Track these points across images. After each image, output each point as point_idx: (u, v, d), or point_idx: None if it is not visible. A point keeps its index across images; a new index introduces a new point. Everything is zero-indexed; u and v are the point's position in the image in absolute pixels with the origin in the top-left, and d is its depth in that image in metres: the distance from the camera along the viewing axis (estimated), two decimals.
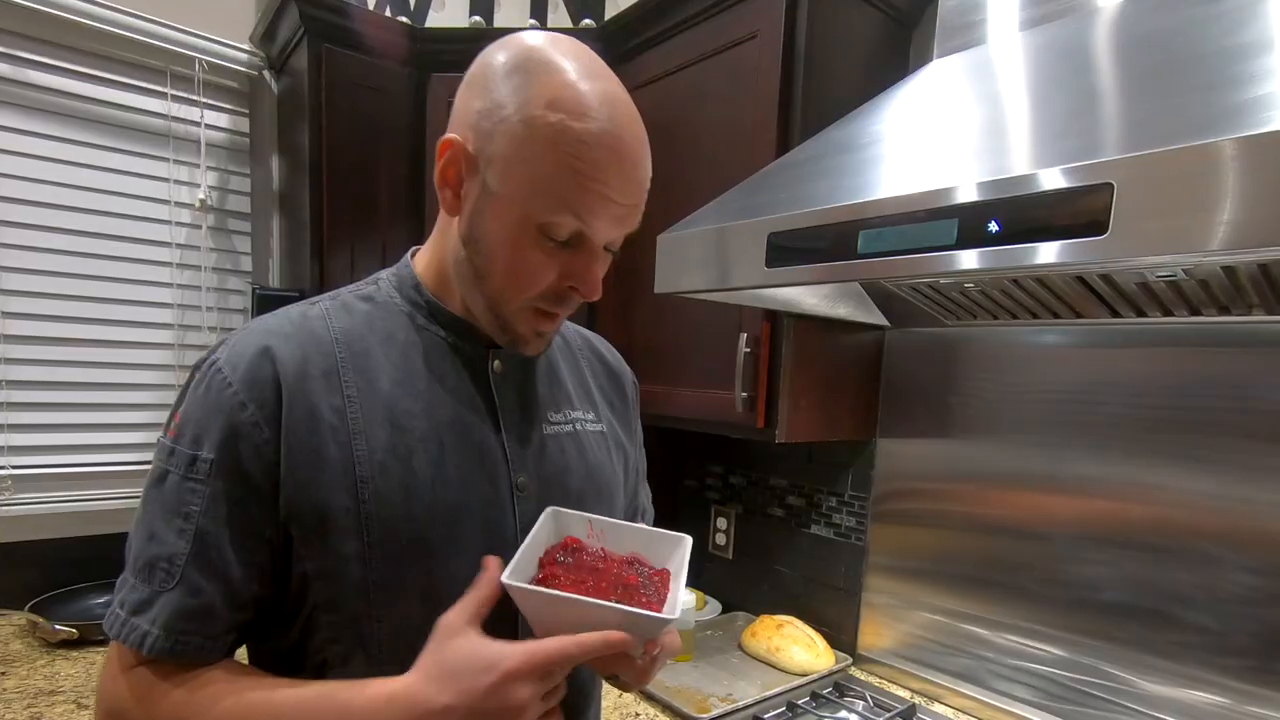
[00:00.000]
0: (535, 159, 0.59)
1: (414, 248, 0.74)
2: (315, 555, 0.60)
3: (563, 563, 0.63)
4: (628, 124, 0.61)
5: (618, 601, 0.57)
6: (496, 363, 0.70)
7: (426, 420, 0.65)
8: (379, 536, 0.61)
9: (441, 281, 0.69)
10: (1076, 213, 0.61)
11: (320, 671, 0.63)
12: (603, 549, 0.67)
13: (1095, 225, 0.60)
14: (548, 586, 0.58)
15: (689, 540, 0.68)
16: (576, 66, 0.59)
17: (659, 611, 0.58)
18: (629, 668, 0.61)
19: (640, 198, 0.64)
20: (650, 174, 0.65)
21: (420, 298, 0.69)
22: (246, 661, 0.69)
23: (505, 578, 0.56)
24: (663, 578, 0.64)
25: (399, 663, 0.59)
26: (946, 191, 0.71)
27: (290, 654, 0.65)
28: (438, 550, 0.63)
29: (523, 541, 0.63)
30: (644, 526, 0.69)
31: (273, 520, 0.60)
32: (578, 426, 0.76)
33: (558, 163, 0.58)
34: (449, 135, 0.63)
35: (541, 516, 0.65)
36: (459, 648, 0.55)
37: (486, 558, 0.60)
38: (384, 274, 0.73)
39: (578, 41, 0.62)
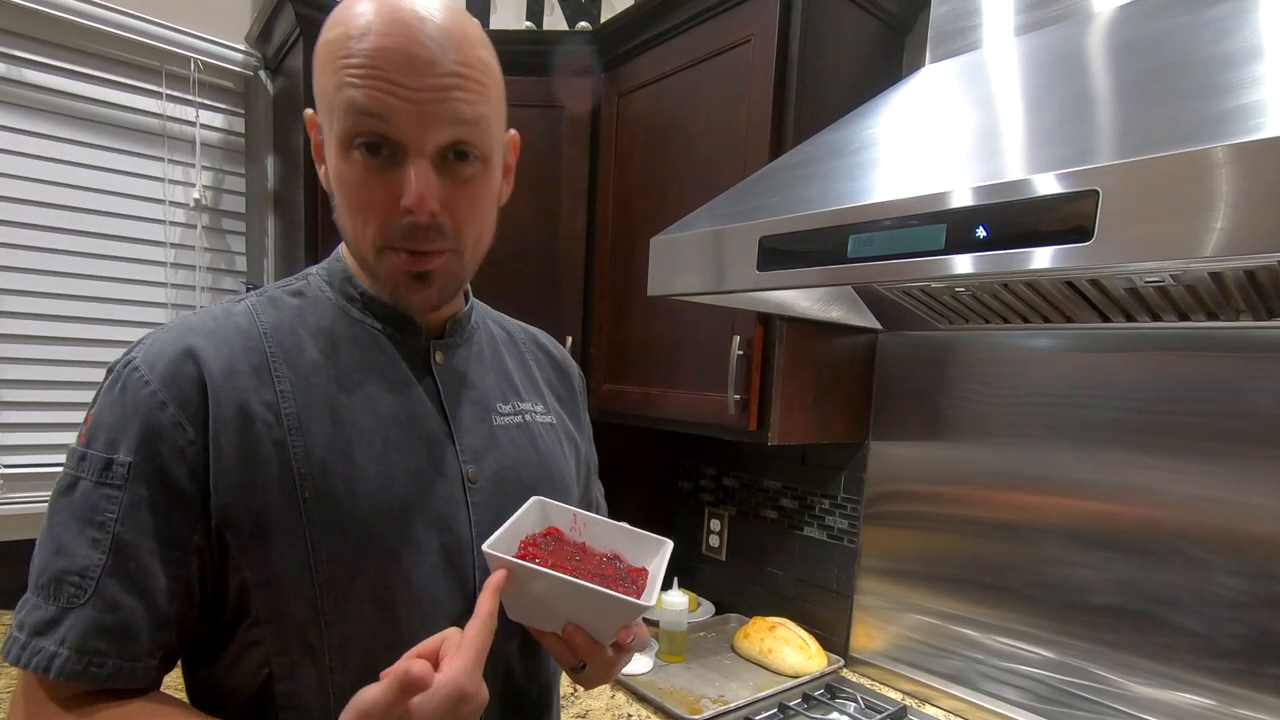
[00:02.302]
0: (325, 74, 0.56)
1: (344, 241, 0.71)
2: (255, 562, 0.56)
3: (544, 548, 0.63)
4: (407, 13, 0.55)
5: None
6: (439, 354, 0.68)
7: (368, 414, 0.62)
8: (323, 538, 0.57)
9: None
10: (1062, 219, 0.62)
11: (266, 688, 0.59)
12: (584, 543, 0.67)
13: (1080, 231, 0.60)
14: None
15: (670, 544, 0.68)
16: None
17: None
18: (598, 657, 0.60)
19: (440, 83, 0.55)
20: (460, 61, 0.56)
21: (354, 290, 0.66)
22: (185, 692, 0.64)
23: (487, 547, 0.56)
24: (639, 575, 0.64)
25: (351, 670, 0.57)
26: (935, 196, 0.71)
27: (229, 674, 0.60)
28: (389, 549, 0.60)
29: (476, 532, 0.63)
30: (626, 526, 0.69)
31: (201, 528, 0.56)
32: (527, 418, 0.74)
33: (335, 66, 0.55)
34: (306, 111, 0.62)
35: (526, 504, 0.64)
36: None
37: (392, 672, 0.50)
38: (314, 269, 0.70)
39: None
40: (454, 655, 0.51)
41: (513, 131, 0.68)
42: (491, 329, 0.79)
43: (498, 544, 0.58)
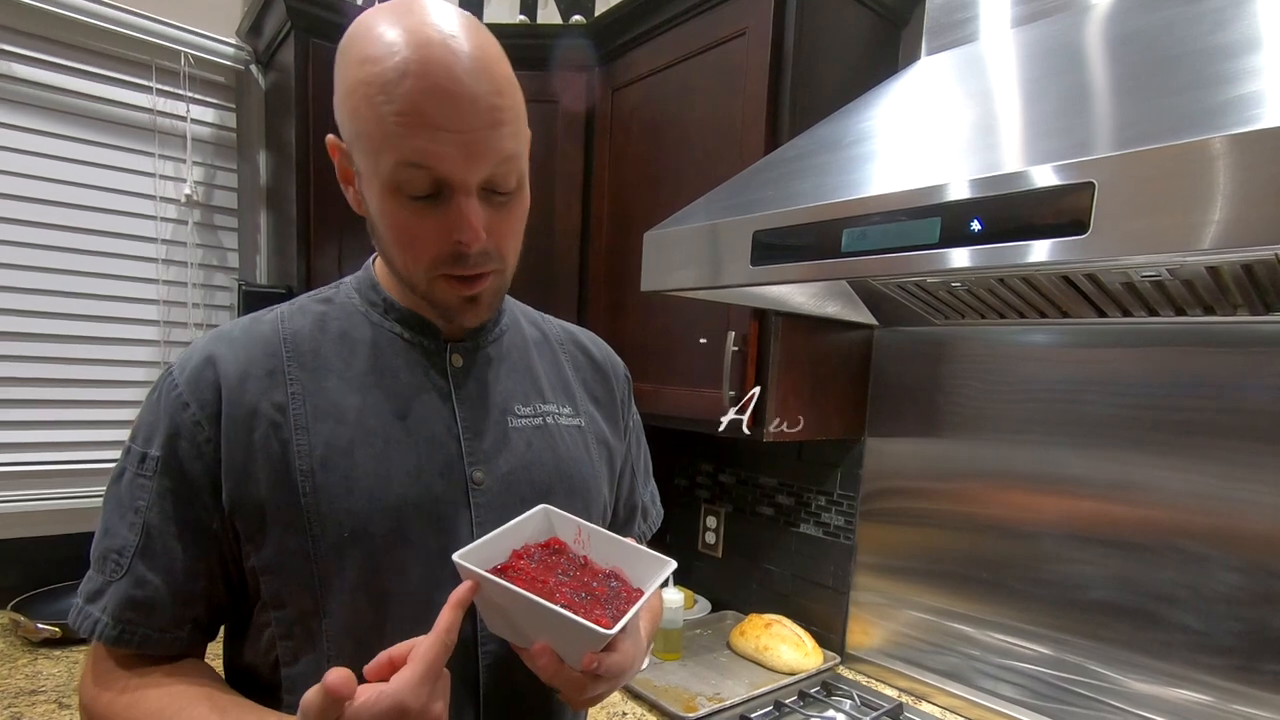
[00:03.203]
0: (362, 119, 0.57)
1: (376, 254, 0.72)
2: (261, 550, 0.61)
3: (536, 559, 0.62)
4: (439, 48, 0.54)
5: (565, 606, 0.55)
6: (456, 357, 0.70)
7: (373, 414, 0.64)
8: (321, 530, 0.60)
9: (393, 280, 0.69)
10: (1058, 212, 0.61)
11: (275, 669, 0.63)
12: (585, 557, 0.65)
13: (1076, 224, 0.59)
14: (507, 577, 0.57)
15: (671, 565, 0.65)
16: (384, 15, 0.56)
17: (609, 628, 0.54)
18: (565, 678, 0.58)
19: (482, 120, 0.56)
20: (494, 91, 0.57)
21: (377, 296, 0.69)
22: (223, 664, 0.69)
23: (457, 556, 0.56)
24: (634, 597, 0.61)
25: (348, 660, 0.57)
26: (929, 190, 0.70)
27: (249, 650, 0.65)
28: (382, 545, 0.62)
29: (479, 534, 0.63)
30: (632, 543, 0.66)
31: (218, 517, 0.61)
32: (549, 420, 0.74)
33: (375, 113, 0.55)
34: (329, 137, 0.63)
35: (530, 511, 0.64)
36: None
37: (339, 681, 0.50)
38: (347, 278, 0.73)
39: None
40: (405, 667, 0.52)
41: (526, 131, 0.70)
42: (525, 330, 0.79)
43: (475, 553, 0.57)
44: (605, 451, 0.80)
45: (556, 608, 0.54)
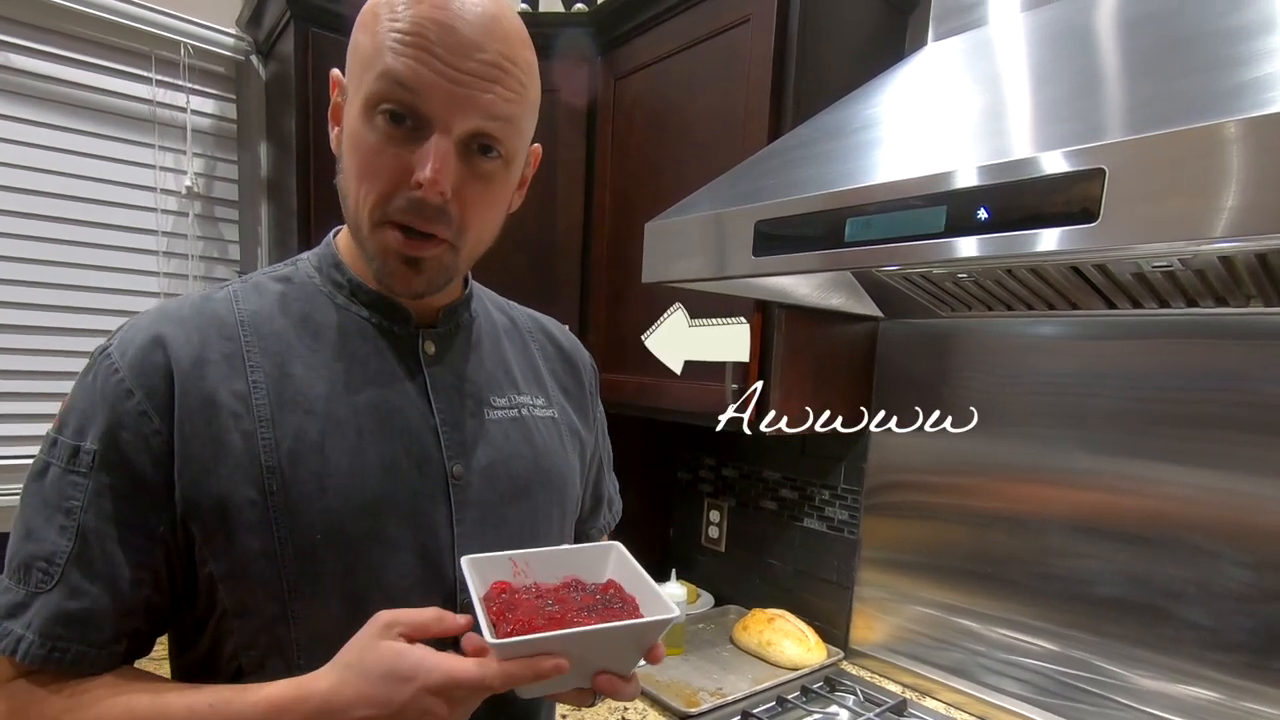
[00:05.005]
0: (366, 32, 0.56)
1: (337, 227, 0.69)
2: (221, 554, 0.56)
3: (511, 607, 0.57)
4: None
5: (599, 620, 0.54)
6: (429, 344, 0.66)
7: (344, 405, 0.60)
8: (290, 531, 0.56)
9: (358, 257, 0.64)
10: (1068, 200, 0.59)
11: (237, 679, 0.59)
12: (535, 583, 0.61)
13: (1086, 212, 0.58)
14: (530, 629, 0.53)
15: (617, 546, 0.64)
16: None
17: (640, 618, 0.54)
18: (620, 688, 0.56)
19: (481, 69, 0.55)
20: (504, 52, 0.56)
21: (341, 276, 0.64)
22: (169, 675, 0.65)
23: (494, 642, 0.50)
24: (614, 589, 0.60)
25: (318, 667, 0.55)
26: (935, 177, 0.69)
27: (205, 662, 0.60)
28: (358, 545, 0.58)
29: (459, 531, 0.61)
30: (569, 546, 0.65)
31: (167, 518, 0.55)
32: (524, 411, 0.71)
33: (378, 27, 0.55)
34: (333, 72, 0.62)
35: (464, 571, 0.58)
36: (383, 651, 0.51)
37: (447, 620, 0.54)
38: (305, 255, 0.68)
39: None
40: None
41: (536, 144, 0.67)
42: (494, 316, 0.76)
43: (488, 631, 0.52)
44: (577, 443, 0.78)
45: (628, 621, 0.53)
